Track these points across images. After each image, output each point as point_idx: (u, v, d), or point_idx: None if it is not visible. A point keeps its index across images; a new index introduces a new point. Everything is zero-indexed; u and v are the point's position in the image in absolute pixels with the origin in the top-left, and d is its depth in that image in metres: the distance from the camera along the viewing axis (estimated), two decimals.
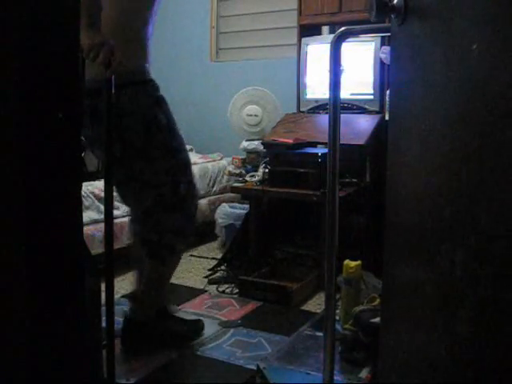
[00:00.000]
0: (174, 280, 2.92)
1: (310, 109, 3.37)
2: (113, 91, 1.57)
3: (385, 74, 3.10)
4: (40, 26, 0.88)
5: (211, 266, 3.15)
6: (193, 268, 3.18)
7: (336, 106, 1.33)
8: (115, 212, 2.18)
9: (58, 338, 0.95)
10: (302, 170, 2.83)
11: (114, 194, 1.91)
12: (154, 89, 1.92)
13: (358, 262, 2.23)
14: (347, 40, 1.33)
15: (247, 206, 3.18)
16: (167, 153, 1.93)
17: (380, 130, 2.93)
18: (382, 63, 3.08)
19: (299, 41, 3.44)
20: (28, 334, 0.92)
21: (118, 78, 1.73)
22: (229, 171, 3.70)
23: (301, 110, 3.43)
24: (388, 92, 2.70)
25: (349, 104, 3.17)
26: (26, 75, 0.87)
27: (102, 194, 1.79)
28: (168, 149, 1.93)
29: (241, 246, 3.14)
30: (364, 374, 1.82)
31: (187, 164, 2.01)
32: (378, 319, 1.74)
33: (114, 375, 1.52)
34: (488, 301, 0.70)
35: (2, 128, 0.89)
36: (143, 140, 1.88)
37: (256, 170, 3.23)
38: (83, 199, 2.81)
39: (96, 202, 2.91)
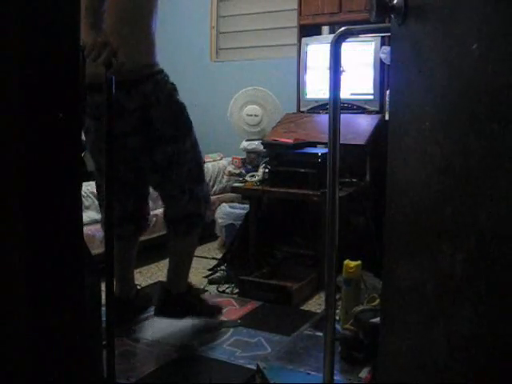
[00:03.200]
0: None
1: (310, 109, 3.37)
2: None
3: (385, 73, 3.10)
4: (40, 26, 0.89)
5: (211, 266, 3.14)
6: (193, 268, 3.17)
7: (336, 106, 1.33)
8: None
9: (58, 337, 0.95)
10: (302, 170, 2.83)
11: None
12: (168, 77, 2.04)
13: (358, 262, 2.23)
14: (347, 40, 1.33)
15: (247, 206, 3.18)
16: (189, 131, 2.10)
17: (380, 130, 2.93)
18: (382, 63, 3.08)
19: (299, 41, 3.43)
20: (28, 334, 0.92)
21: (136, 73, 1.90)
22: (229, 171, 3.70)
23: (301, 110, 3.43)
24: (388, 92, 2.69)
25: (349, 104, 3.17)
26: (26, 75, 0.87)
27: None
28: (189, 127, 2.10)
29: (241, 246, 3.13)
30: (364, 374, 1.82)
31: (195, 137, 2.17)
32: (378, 319, 1.73)
33: (114, 375, 1.52)
34: (488, 301, 0.70)
35: (2, 128, 0.89)
36: (174, 124, 2.03)
37: (256, 170, 3.22)
38: (83, 199, 2.81)
39: (96, 201, 2.90)
